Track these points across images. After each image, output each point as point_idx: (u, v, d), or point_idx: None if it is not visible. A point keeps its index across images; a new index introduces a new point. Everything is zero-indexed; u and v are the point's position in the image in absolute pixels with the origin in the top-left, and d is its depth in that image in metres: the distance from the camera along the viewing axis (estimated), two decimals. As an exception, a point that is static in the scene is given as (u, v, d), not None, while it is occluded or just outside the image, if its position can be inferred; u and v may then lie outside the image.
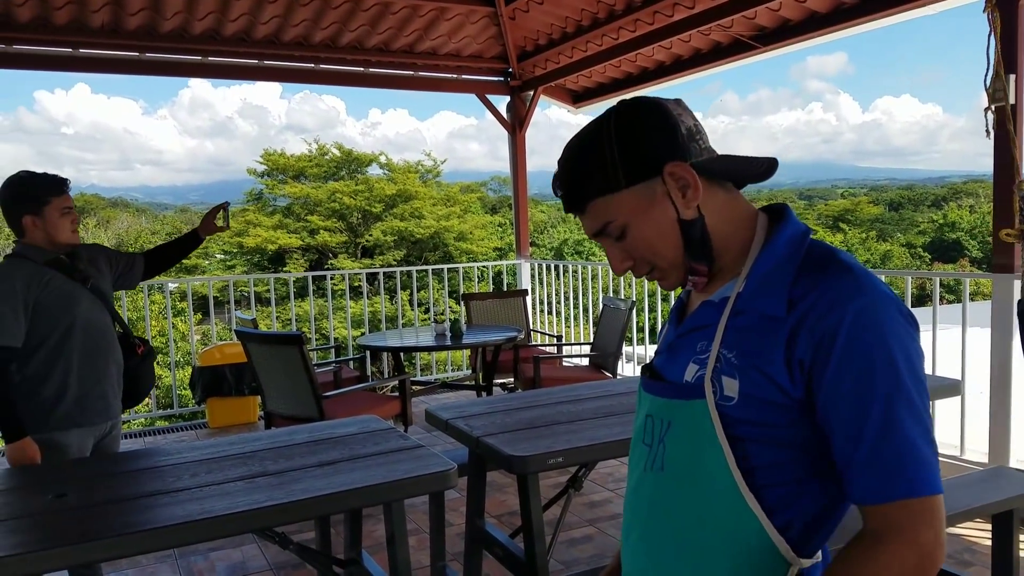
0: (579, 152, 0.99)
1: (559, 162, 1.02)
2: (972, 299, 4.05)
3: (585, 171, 0.98)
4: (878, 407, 0.86)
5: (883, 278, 4.54)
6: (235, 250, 22.97)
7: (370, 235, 22.56)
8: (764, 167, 1.01)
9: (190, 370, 5.65)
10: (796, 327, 0.90)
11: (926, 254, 34.91)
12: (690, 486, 0.96)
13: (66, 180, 2.57)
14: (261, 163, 24.23)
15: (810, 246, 0.96)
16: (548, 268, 7.43)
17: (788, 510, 0.93)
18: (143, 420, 5.95)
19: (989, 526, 2.70)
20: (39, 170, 2.79)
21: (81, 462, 2.41)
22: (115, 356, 2.63)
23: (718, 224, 0.99)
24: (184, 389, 6.42)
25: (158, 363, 6.91)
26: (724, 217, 1.00)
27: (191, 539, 1.76)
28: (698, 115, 1.01)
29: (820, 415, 0.90)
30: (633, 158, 0.96)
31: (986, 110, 3.27)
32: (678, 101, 1.01)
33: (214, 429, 5.51)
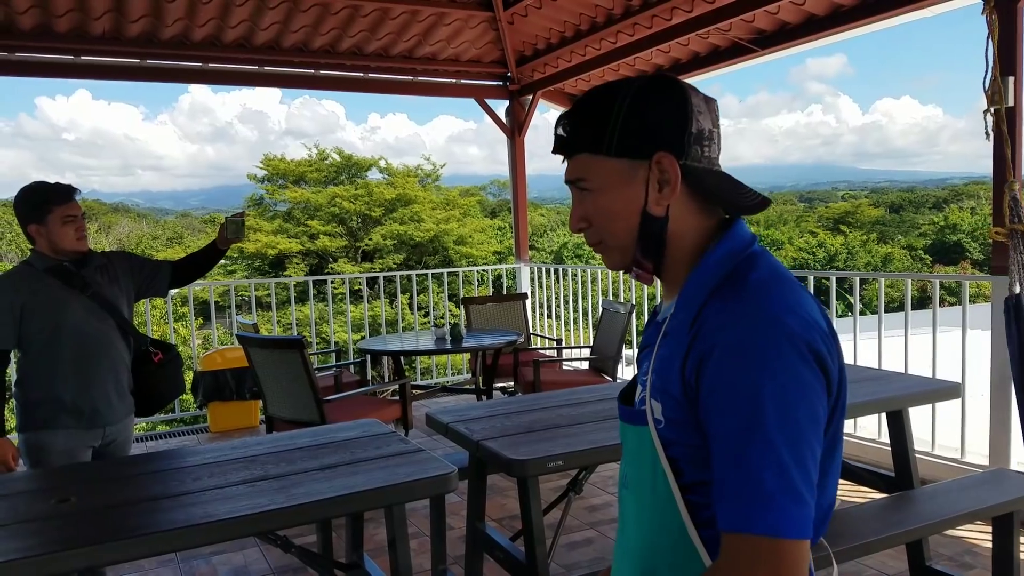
0: (590, 104, 0.97)
1: (574, 102, 1.01)
2: (973, 301, 4.06)
3: (586, 124, 0.96)
4: (732, 440, 0.84)
5: (884, 281, 4.51)
6: (235, 255, 22.98)
7: (370, 239, 22.58)
8: (757, 200, 0.98)
9: (191, 374, 5.66)
10: (689, 346, 0.89)
11: (927, 256, 34.91)
12: (643, 505, 0.98)
13: (71, 188, 2.60)
14: (261, 168, 24.28)
15: (736, 267, 0.92)
16: (547, 272, 7.44)
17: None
18: (144, 424, 5.96)
19: (990, 528, 2.70)
20: (45, 178, 2.80)
21: (84, 466, 2.42)
22: (113, 364, 2.63)
23: (682, 233, 0.96)
24: (186, 394, 6.42)
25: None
26: (691, 229, 0.97)
27: (194, 543, 1.78)
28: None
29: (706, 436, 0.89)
30: (631, 133, 0.94)
31: (985, 112, 3.28)
32: (709, 100, 0.98)
33: (215, 433, 5.52)
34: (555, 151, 1.00)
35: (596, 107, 0.96)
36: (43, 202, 2.54)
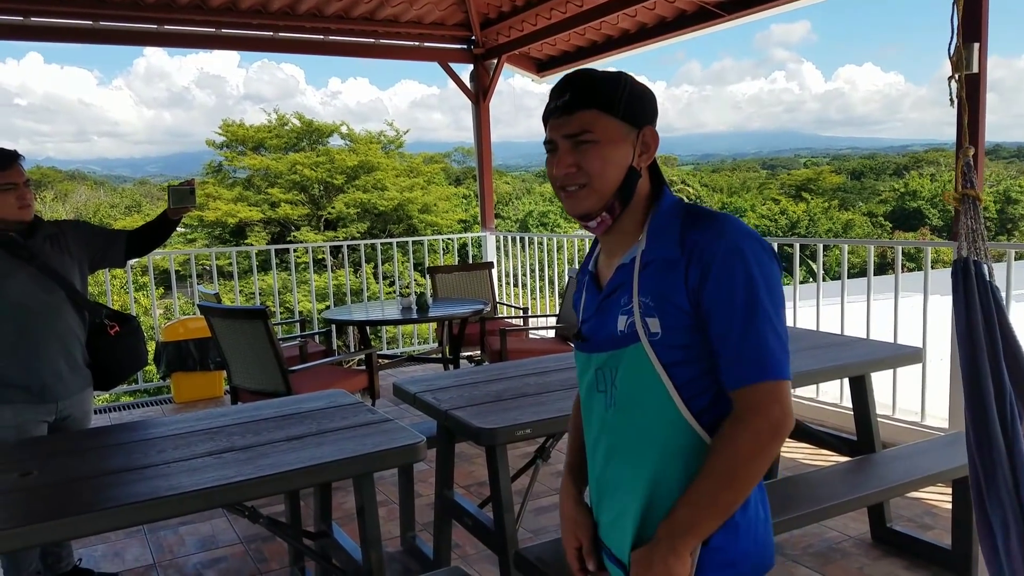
0: (600, 75, 1.21)
1: (576, 72, 1.23)
2: (932, 267, 4.14)
3: (599, 87, 1.20)
4: (739, 315, 1.12)
5: (846, 247, 4.55)
6: (195, 223, 22.50)
7: (332, 207, 22.25)
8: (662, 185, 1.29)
9: (154, 345, 5.55)
10: (688, 262, 1.16)
11: (887, 223, 35.57)
12: (639, 409, 1.21)
13: (12, 154, 2.47)
14: (220, 134, 23.67)
15: (686, 207, 1.24)
16: (513, 240, 7.42)
17: (710, 411, 1.18)
18: (108, 396, 5.86)
19: (949, 490, 2.78)
20: None
21: (45, 440, 2.37)
22: (62, 337, 2.53)
23: (641, 190, 1.25)
24: (149, 365, 6.29)
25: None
26: (644, 189, 1.26)
27: (159, 516, 1.75)
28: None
29: (707, 327, 1.15)
30: (634, 104, 1.21)
31: (950, 79, 3.31)
32: None
33: (180, 404, 5.45)
34: (561, 107, 1.21)
35: (606, 79, 1.21)
36: None
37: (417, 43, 6.68)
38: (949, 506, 2.79)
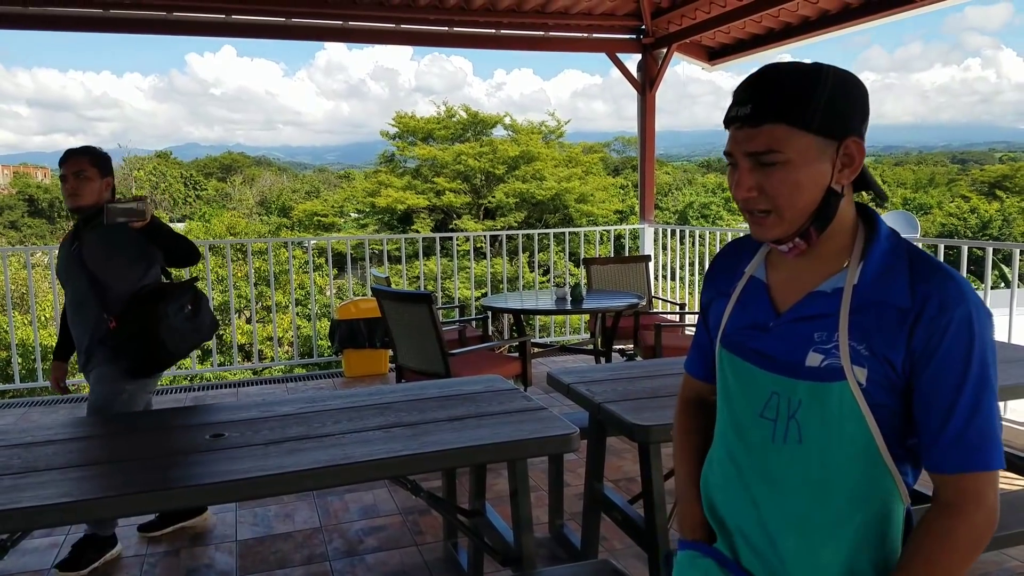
0: (793, 77, 1.02)
1: (762, 73, 1.04)
2: None
3: (790, 96, 1.01)
4: (969, 395, 1.00)
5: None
6: (367, 209, 23.89)
7: (492, 197, 22.83)
8: (877, 192, 1.13)
9: (327, 323, 5.97)
10: (915, 321, 1.02)
11: (1098, 226, 31.46)
12: (829, 454, 1.07)
13: (79, 149, 2.77)
14: (393, 125, 24.94)
15: (908, 246, 1.08)
16: (672, 233, 7.27)
17: (903, 470, 1.08)
18: (283, 368, 6.38)
19: None
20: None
21: (234, 404, 2.60)
22: (84, 319, 2.78)
23: (845, 210, 1.07)
24: (321, 339, 6.77)
25: (251, 321, 6.97)
26: (849, 207, 1.09)
27: (336, 482, 1.89)
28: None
29: (918, 395, 1.03)
30: (834, 113, 1.01)
31: None
32: None
33: (349, 378, 5.83)
34: (742, 119, 1.03)
35: (800, 82, 1.01)
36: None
37: (585, 34, 6.69)
38: None
